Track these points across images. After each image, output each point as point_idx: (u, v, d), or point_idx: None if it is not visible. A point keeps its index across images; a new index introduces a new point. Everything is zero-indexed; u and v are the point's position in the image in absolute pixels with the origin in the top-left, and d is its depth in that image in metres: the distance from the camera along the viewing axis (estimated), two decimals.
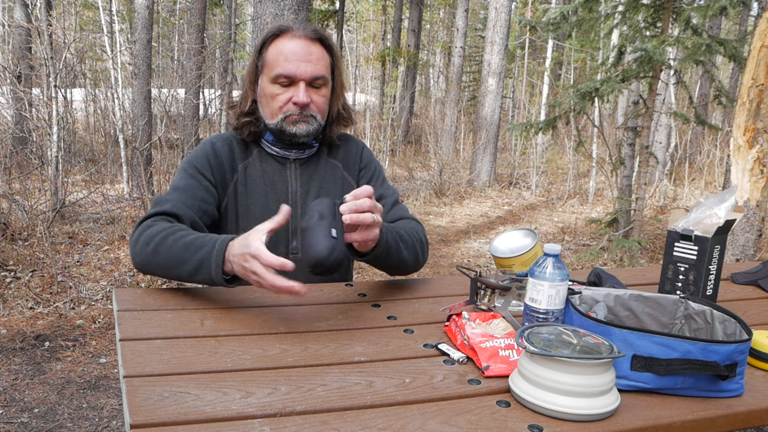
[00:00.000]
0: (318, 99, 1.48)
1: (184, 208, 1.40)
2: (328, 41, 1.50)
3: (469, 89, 19.33)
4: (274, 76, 1.44)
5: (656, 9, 5.43)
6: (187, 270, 1.22)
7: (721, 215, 1.35)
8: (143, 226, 1.33)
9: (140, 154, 6.52)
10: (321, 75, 1.46)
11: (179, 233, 1.27)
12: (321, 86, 1.48)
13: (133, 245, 1.33)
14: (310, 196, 1.54)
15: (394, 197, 1.63)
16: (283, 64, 1.44)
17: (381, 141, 9.97)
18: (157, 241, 1.27)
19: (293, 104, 1.45)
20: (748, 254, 3.76)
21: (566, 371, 0.87)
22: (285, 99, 1.45)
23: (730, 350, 0.94)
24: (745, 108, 3.67)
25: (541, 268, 1.08)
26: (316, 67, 1.45)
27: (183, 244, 1.24)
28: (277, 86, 1.45)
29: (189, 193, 1.44)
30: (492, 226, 7.12)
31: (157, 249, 1.26)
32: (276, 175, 1.53)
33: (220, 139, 1.54)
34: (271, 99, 1.46)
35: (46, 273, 3.96)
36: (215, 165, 1.49)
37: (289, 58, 1.43)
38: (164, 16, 15.65)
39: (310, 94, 1.46)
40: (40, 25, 5.99)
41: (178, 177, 1.48)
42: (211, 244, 1.20)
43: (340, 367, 1.00)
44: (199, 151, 1.51)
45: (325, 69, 1.48)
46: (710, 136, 10.42)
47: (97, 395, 2.73)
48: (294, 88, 1.45)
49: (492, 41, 9.38)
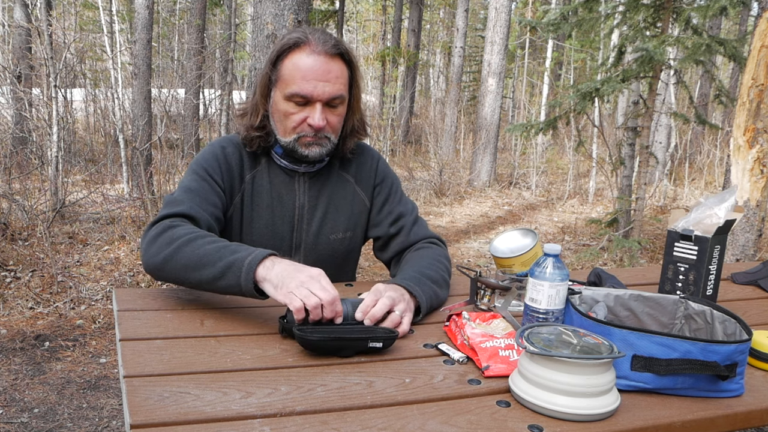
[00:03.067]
0: (333, 119, 1.40)
1: (201, 212, 1.33)
2: (348, 56, 1.40)
3: (469, 89, 19.33)
4: (289, 93, 1.35)
5: (656, 9, 5.43)
6: (212, 273, 1.15)
7: (721, 215, 1.35)
8: (162, 225, 1.25)
9: (140, 154, 6.52)
10: (339, 95, 1.37)
11: (209, 238, 1.21)
12: (338, 105, 1.40)
13: (149, 244, 1.24)
14: (318, 211, 1.49)
15: (414, 215, 1.57)
16: (299, 83, 1.34)
17: (381, 141, 9.97)
18: (183, 242, 1.19)
19: (308, 125, 1.37)
20: (748, 254, 3.76)
21: (566, 371, 0.87)
22: (299, 119, 1.37)
23: (730, 350, 0.94)
24: (745, 108, 3.67)
25: (541, 268, 1.08)
26: (334, 87, 1.36)
27: (214, 248, 1.17)
28: (292, 104, 1.36)
29: (202, 197, 1.37)
30: (492, 226, 7.12)
31: (180, 248, 1.19)
32: (283, 189, 1.47)
33: (231, 143, 1.46)
34: (284, 117, 1.38)
35: (46, 273, 3.95)
36: (225, 171, 1.43)
37: (307, 76, 1.34)
38: (164, 16, 15.65)
39: (326, 116, 1.38)
40: (40, 25, 5.99)
41: (189, 178, 1.40)
42: (247, 251, 1.14)
43: (340, 367, 1.00)
44: (209, 155, 1.44)
45: (343, 87, 1.39)
46: (710, 136, 10.42)
47: (97, 395, 2.73)
48: (310, 108, 1.36)
49: (492, 41, 9.38)
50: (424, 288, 1.27)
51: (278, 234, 1.47)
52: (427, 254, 1.45)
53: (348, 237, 1.54)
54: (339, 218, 1.52)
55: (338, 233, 1.52)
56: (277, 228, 1.48)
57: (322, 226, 1.50)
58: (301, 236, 1.49)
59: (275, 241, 1.47)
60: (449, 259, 1.49)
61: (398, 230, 1.54)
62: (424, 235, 1.54)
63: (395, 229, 1.54)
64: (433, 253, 1.46)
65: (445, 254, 1.49)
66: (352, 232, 1.54)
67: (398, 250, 1.53)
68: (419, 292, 1.23)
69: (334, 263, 1.53)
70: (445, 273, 1.40)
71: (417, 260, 1.41)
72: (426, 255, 1.44)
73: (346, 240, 1.53)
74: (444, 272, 1.40)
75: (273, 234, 1.47)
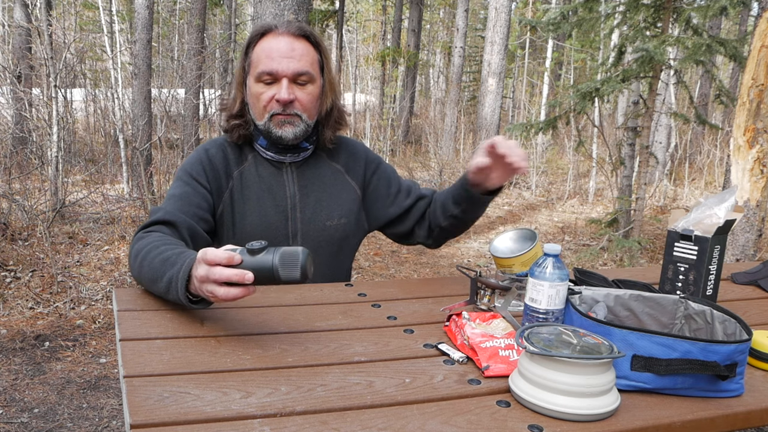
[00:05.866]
0: (303, 96, 1.45)
1: (179, 215, 1.37)
2: (314, 38, 1.47)
3: (469, 89, 19.33)
4: (257, 74, 1.43)
5: (656, 9, 5.43)
6: (162, 288, 1.14)
7: (721, 215, 1.35)
8: (136, 239, 1.30)
9: (140, 154, 6.52)
10: (305, 71, 1.43)
11: (162, 247, 1.20)
12: (306, 83, 1.44)
13: (130, 260, 1.30)
14: (311, 198, 1.52)
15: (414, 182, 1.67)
16: (265, 62, 1.42)
17: (381, 141, 9.97)
18: (143, 255, 1.21)
19: (276, 101, 1.42)
20: (748, 254, 3.76)
21: (566, 371, 0.87)
22: (268, 97, 1.43)
23: (730, 350, 0.94)
24: (745, 108, 3.67)
25: (541, 268, 1.08)
26: (299, 63, 1.42)
27: (160, 260, 1.15)
28: (261, 84, 1.43)
29: (184, 200, 1.41)
30: (492, 226, 7.12)
31: (141, 263, 1.21)
32: (273, 180, 1.51)
33: (214, 145, 1.51)
34: (256, 99, 1.45)
35: (46, 273, 3.96)
36: (210, 171, 1.47)
37: (271, 55, 1.41)
38: (164, 16, 15.65)
39: (295, 91, 1.43)
40: (40, 25, 5.99)
41: (174, 186, 1.46)
42: (180, 263, 1.09)
43: (340, 367, 1.00)
44: (192, 159, 1.49)
45: (309, 65, 1.44)
46: (710, 136, 10.42)
47: (97, 395, 2.73)
48: (277, 85, 1.43)
49: (492, 41, 9.38)
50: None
51: (272, 225, 1.50)
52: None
53: (343, 223, 1.56)
54: (332, 204, 1.55)
55: (333, 219, 1.55)
56: (271, 219, 1.50)
57: (315, 212, 1.53)
58: (296, 225, 1.51)
59: (270, 232, 1.50)
60: None
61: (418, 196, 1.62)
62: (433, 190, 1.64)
63: (413, 199, 1.61)
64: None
65: None
66: (346, 219, 1.57)
67: (423, 210, 1.62)
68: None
69: (330, 250, 1.55)
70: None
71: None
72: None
73: (341, 226, 1.56)
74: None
75: (267, 226, 1.49)
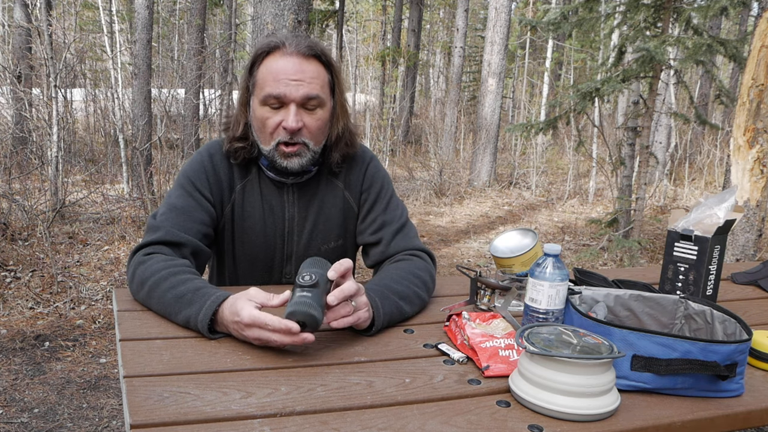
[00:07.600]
0: (312, 123, 1.34)
1: (182, 235, 1.31)
2: (325, 57, 1.36)
3: (469, 89, 19.33)
4: (263, 97, 1.32)
5: (657, 9, 5.43)
6: (179, 322, 1.13)
7: (721, 215, 1.35)
8: (138, 259, 1.24)
9: (140, 154, 6.52)
10: (314, 95, 1.32)
11: (171, 279, 1.16)
12: (315, 108, 1.34)
13: (129, 281, 1.24)
14: (308, 222, 1.46)
15: (399, 223, 1.47)
16: (271, 85, 1.30)
17: (381, 141, 9.97)
18: (150, 286, 1.18)
19: (283, 129, 1.32)
20: (748, 254, 3.76)
21: (566, 371, 0.87)
22: (275, 123, 1.33)
23: (730, 350, 0.94)
24: (745, 108, 3.67)
25: (541, 268, 1.08)
26: (309, 86, 1.31)
27: (173, 296, 1.13)
28: (267, 109, 1.33)
29: (187, 215, 1.34)
30: (492, 226, 7.12)
31: (150, 294, 1.18)
32: (274, 200, 1.44)
33: (218, 151, 1.43)
34: (261, 123, 1.34)
35: (46, 273, 3.95)
36: (214, 183, 1.40)
37: (278, 77, 1.30)
38: (164, 16, 15.66)
39: (303, 117, 1.33)
40: (40, 25, 5.99)
41: (175, 193, 1.38)
42: (199, 304, 1.09)
43: (340, 367, 1.00)
44: (196, 165, 1.40)
45: (320, 88, 1.33)
46: (710, 136, 10.43)
47: (97, 395, 2.73)
48: (285, 111, 1.32)
49: (492, 41, 9.38)
50: (385, 302, 1.18)
51: (270, 245, 1.46)
52: (403, 267, 1.35)
53: (339, 245, 1.51)
54: (329, 227, 1.48)
55: (329, 243, 1.49)
56: (269, 240, 1.46)
57: (312, 237, 1.47)
58: (292, 247, 1.47)
59: (267, 252, 1.46)
60: (431, 272, 1.39)
61: (378, 240, 1.46)
62: (406, 246, 1.44)
63: (375, 239, 1.47)
64: (410, 266, 1.36)
65: (426, 267, 1.38)
66: (343, 240, 1.51)
67: (377, 260, 1.46)
68: (378, 304, 1.15)
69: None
70: (418, 287, 1.30)
71: (389, 272, 1.33)
72: (401, 267, 1.35)
73: (338, 249, 1.51)
74: (417, 287, 1.30)
75: (266, 245, 1.46)
